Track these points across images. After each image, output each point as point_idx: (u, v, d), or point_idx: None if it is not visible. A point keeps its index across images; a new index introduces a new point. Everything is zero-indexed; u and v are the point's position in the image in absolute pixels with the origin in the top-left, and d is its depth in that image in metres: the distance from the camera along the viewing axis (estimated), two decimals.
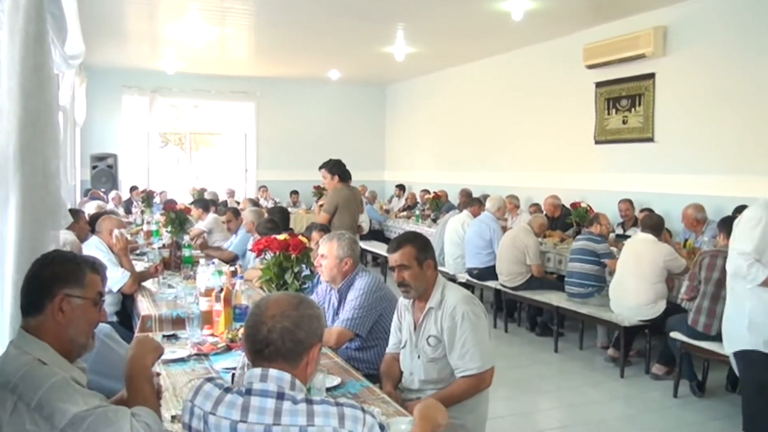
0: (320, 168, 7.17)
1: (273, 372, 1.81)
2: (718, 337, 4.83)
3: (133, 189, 12.59)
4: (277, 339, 1.83)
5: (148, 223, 8.18)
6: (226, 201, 12.41)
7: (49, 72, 2.32)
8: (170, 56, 11.63)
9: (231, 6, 8.36)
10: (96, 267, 2.05)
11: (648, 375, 5.83)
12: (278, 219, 6.13)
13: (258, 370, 1.82)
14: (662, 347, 5.72)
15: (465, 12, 8.35)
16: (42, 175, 2.28)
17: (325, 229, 5.52)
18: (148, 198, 10.65)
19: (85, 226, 5.36)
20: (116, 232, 4.90)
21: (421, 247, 3.11)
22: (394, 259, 3.10)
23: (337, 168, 6.97)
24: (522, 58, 10.74)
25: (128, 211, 11.01)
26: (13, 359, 1.83)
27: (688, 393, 5.36)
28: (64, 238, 3.31)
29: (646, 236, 5.85)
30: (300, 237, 3.19)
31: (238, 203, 12.96)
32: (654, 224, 5.93)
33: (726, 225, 5.19)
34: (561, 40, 9.70)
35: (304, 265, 3.20)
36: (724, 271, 4.85)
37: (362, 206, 7.66)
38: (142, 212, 10.06)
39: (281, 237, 3.12)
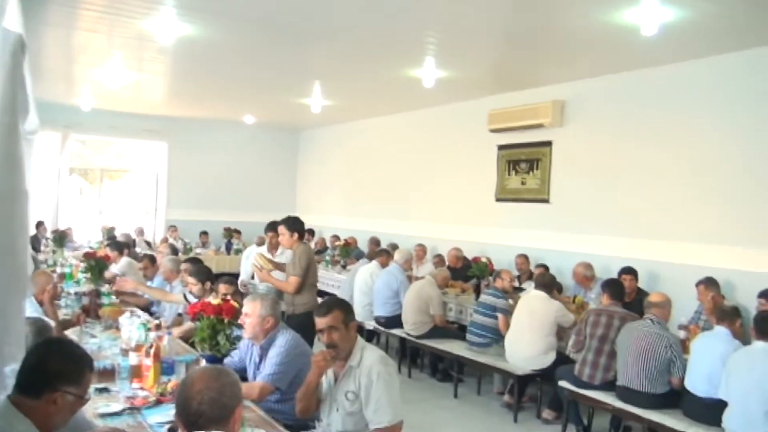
0: (277, 224, 6.50)
1: None
2: (600, 387, 5.45)
3: (39, 225, 12.29)
4: (207, 410, 2.18)
5: (62, 265, 8.15)
6: (134, 240, 12.36)
7: (19, 158, 2.53)
8: (86, 94, 11.57)
9: (149, 54, 8.49)
10: (92, 365, 2.34)
11: (539, 419, 6.33)
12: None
13: None
14: (552, 394, 6.20)
15: (380, 75, 8.87)
16: (10, 252, 2.50)
17: (232, 282, 5.66)
18: (60, 239, 10.50)
19: None
20: (47, 286, 5.03)
21: (347, 311, 3.49)
22: (324, 322, 3.41)
23: (297, 225, 6.24)
24: (431, 117, 11.30)
25: (35, 249, 10.81)
26: None
27: None
28: (43, 324, 3.49)
29: (538, 293, 6.41)
30: (232, 302, 3.49)
31: (148, 243, 12.94)
32: (546, 282, 6.52)
33: (609, 287, 5.88)
34: (468, 104, 10.30)
35: (234, 328, 3.50)
36: (606, 328, 5.50)
37: None
38: (54, 252, 9.94)
39: (215, 301, 3.43)
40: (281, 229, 6.25)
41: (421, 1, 5.78)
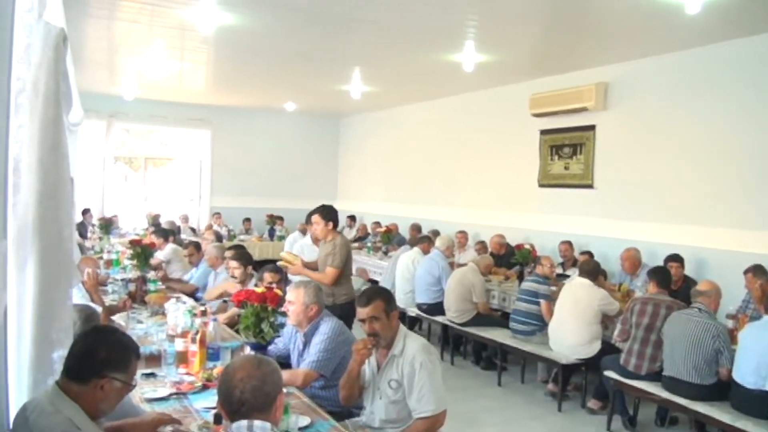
0: (311, 214, 6.30)
1: (257, 423, 2.16)
2: (647, 377, 5.34)
3: (85, 212, 12.57)
4: (249, 398, 2.23)
5: (108, 252, 8.31)
6: (179, 227, 12.55)
7: (64, 150, 2.58)
8: (129, 84, 11.76)
9: (191, 44, 8.59)
10: (138, 353, 2.39)
11: (584, 409, 6.25)
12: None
13: (244, 422, 2.17)
14: (597, 383, 6.11)
15: (419, 60, 8.82)
16: (57, 240, 2.55)
17: (277, 270, 5.68)
18: (106, 226, 10.71)
19: None
20: (88, 270, 5.13)
21: (388, 300, 3.48)
22: (365, 312, 3.42)
23: (331, 214, 6.08)
24: (472, 101, 11.23)
25: (82, 236, 11.05)
26: (48, 416, 2.14)
27: (621, 427, 5.77)
28: (91, 311, 3.57)
29: (582, 281, 6.31)
30: (276, 290, 3.52)
31: (193, 230, 13.12)
32: (590, 269, 6.40)
33: (655, 275, 5.74)
34: (509, 88, 10.20)
35: (278, 315, 3.53)
36: (653, 317, 5.38)
37: None
38: (100, 239, 10.14)
39: (259, 290, 3.45)
40: (315, 218, 6.09)
41: None
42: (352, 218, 14.34)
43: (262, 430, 2.15)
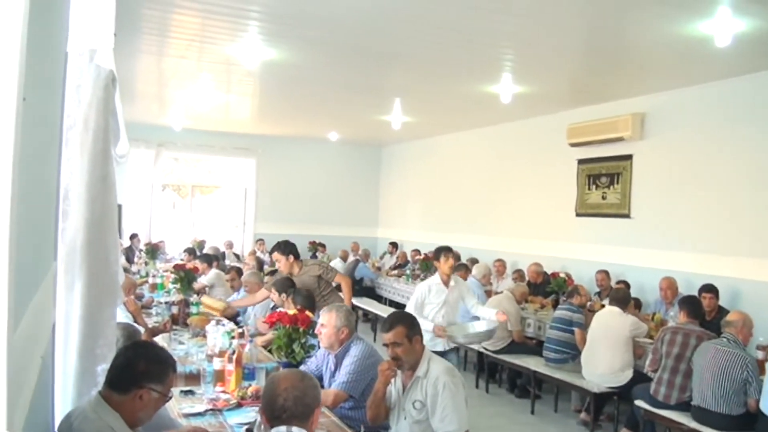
0: (271, 253, 6.81)
1: (295, 429, 2.36)
2: (676, 407, 5.35)
3: (133, 237, 12.99)
4: (291, 406, 2.43)
5: (154, 276, 8.62)
6: (224, 252, 12.87)
7: (112, 180, 2.80)
8: (177, 115, 12.21)
9: (237, 77, 8.94)
10: (175, 367, 2.61)
11: None
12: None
13: (283, 428, 2.37)
14: (629, 413, 6.09)
15: (458, 92, 9.03)
16: (104, 263, 2.76)
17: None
18: (152, 251, 11.07)
19: None
20: (127, 299, 5.40)
21: (409, 326, 3.63)
22: (387, 338, 3.60)
23: (288, 248, 6.47)
24: (510, 131, 11.35)
25: (129, 260, 11.42)
26: (91, 422, 2.34)
27: None
28: (133, 329, 3.81)
29: (612, 308, 6.36)
30: (307, 313, 3.70)
31: (237, 255, 13.44)
32: (620, 297, 6.45)
33: (686, 304, 5.76)
34: (546, 118, 10.31)
35: (309, 336, 3.71)
36: (682, 347, 5.40)
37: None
38: (146, 263, 10.49)
39: (291, 312, 3.64)
40: (275, 256, 6.52)
41: (498, 19, 5.89)
42: (394, 245, 14.48)
43: None
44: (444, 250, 6.29)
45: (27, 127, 1.64)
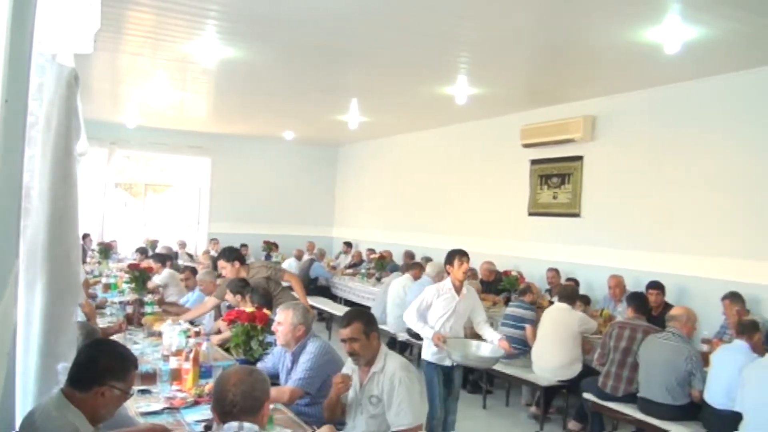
0: (215, 261, 6.87)
1: (246, 424, 2.41)
2: (623, 399, 5.57)
3: (85, 236, 12.76)
4: (240, 401, 2.52)
5: (107, 276, 8.52)
6: (177, 252, 12.75)
7: (74, 178, 2.81)
8: (131, 112, 12.03)
9: (192, 75, 8.87)
10: (136, 364, 2.64)
11: (565, 431, 6.45)
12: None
13: (235, 423, 2.41)
14: (578, 406, 6.32)
15: (414, 93, 9.15)
16: (66, 263, 2.77)
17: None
18: (105, 251, 10.93)
19: None
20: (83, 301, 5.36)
21: (366, 322, 3.72)
22: (345, 333, 3.68)
23: (232, 254, 6.53)
24: (464, 132, 11.52)
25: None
26: (53, 420, 2.36)
27: None
28: (91, 328, 3.81)
29: (560, 305, 6.56)
30: (264, 311, 3.76)
31: (190, 255, 13.34)
32: (568, 294, 6.67)
33: (633, 300, 5.99)
34: (500, 119, 10.49)
35: (267, 334, 3.76)
36: (629, 341, 5.62)
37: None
38: (99, 263, 10.35)
39: (249, 309, 3.69)
40: (221, 263, 6.47)
41: (454, 22, 6.03)
42: (348, 245, 14.53)
43: (250, 430, 2.41)
44: (458, 254, 5.74)
45: (8, 128, 1.67)
